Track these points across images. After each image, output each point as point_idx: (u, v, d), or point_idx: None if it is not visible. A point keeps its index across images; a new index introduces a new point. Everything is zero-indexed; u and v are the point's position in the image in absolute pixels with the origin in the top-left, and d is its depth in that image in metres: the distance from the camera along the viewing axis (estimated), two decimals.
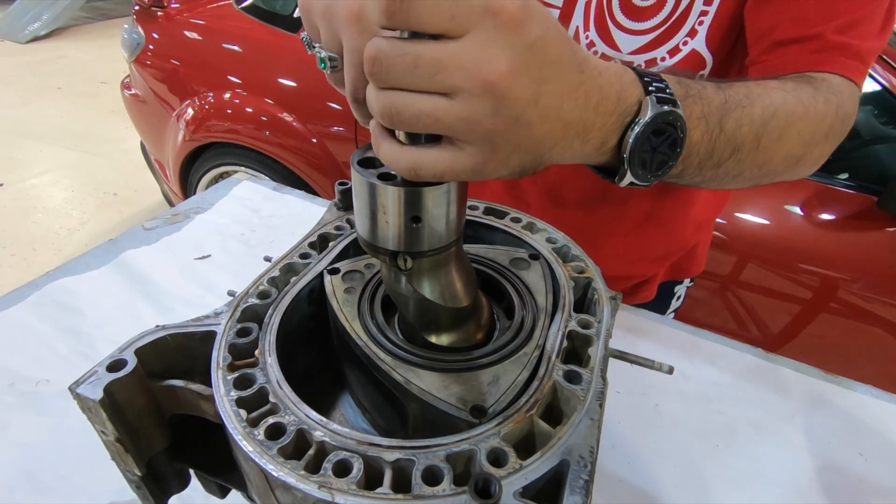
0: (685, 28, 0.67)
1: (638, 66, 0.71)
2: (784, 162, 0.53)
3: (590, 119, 0.35)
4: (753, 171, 0.51)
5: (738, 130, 0.46)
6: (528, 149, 0.33)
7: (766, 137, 0.48)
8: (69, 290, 0.86)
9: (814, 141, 0.54)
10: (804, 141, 0.52)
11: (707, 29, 0.66)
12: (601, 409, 0.36)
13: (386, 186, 0.34)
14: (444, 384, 0.37)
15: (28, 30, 5.26)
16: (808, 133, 0.52)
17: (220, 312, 0.42)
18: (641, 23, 0.69)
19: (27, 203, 2.94)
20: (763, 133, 0.48)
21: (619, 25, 0.70)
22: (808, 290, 1.50)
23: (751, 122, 0.47)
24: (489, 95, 0.29)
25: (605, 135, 0.37)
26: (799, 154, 0.53)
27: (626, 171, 0.39)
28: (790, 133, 0.50)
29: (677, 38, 0.68)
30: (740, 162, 0.48)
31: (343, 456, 0.32)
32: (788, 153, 0.52)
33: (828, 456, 0.71)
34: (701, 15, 0.66)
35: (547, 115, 0.32)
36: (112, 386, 0.35)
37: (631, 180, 0.40)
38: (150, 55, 2.14)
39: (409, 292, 0.39)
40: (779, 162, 0.52)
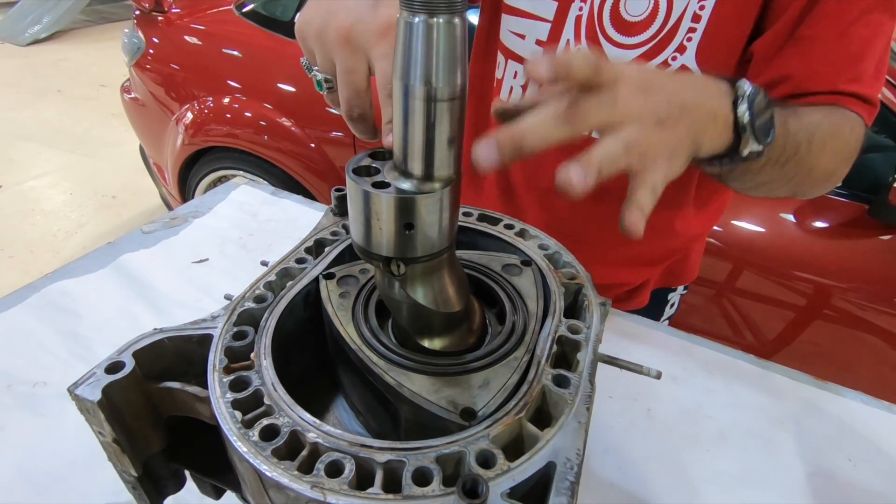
0: (674, 44, 0.69)
1: None
2: (824, 173, 0.60)
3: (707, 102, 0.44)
4: (803, 175, 0.58)
5: (797, 133, 0.54)
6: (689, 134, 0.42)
7: (815, 145, 0.56)
8: (67, 292, 0.87)
9: (843, 159, 0.61)
10: (838, 157, 0.60)
11: (696, 46, 0.68)
12: (589, 413, 0.37)
13: (380, 194, 0.35)
14: (436, 387, 0.38)
15: (29, 32, 5.28)
16: (840, 151, 0.60)
17: (217, 316, 0.42)
18: (632, 37, 0.71)
19: (26, 205, 2.95)
20: (812, 140, 0.55)
21: (609, 39, 0.72)
22: (803, 297, 1.51)
23: (804, 128, 0.55)
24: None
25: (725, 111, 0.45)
26: (832, 169, 0.61)
27: (748, 136, 0.46)
28: (829, 147, 0.58)
29: (666, 54, 0.69)
30: (799, 164, 0.56)
31: (335, 457, 0.32)
32: (827, 165, 0.59)
33: (818, 461, 0.71)
34: (689, 32, 0.67)
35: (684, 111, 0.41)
36: (110, 387, 0.36)
37: (751, 147, 0.47)
38: (151, 59, 2.15)
39: (403, 297, 0.40)
40: (820, 172, 0.60)
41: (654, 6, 0.68)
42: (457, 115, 0.33)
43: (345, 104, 0.43)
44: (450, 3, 0.29)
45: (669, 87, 0.42)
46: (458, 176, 0.37)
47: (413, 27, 0.30)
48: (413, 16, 0.30)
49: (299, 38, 0.46)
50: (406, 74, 0.32)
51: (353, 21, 0.41)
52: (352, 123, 0.44)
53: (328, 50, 0.43)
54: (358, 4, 0.42)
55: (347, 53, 0.41)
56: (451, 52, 0.31)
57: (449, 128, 0.34)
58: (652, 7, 0.68)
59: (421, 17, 0.30)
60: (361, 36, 0.41)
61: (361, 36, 0.41)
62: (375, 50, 0.41)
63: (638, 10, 0.69)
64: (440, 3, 0.29)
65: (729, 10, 0.65)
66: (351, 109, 0.43)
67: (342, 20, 0.41)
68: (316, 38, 0.43)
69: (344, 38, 0.41)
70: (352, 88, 0.42)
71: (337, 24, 0.41)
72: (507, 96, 0.84)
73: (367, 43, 0.41)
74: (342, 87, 0.43)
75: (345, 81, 0.42)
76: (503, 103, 0.42)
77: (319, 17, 0.43)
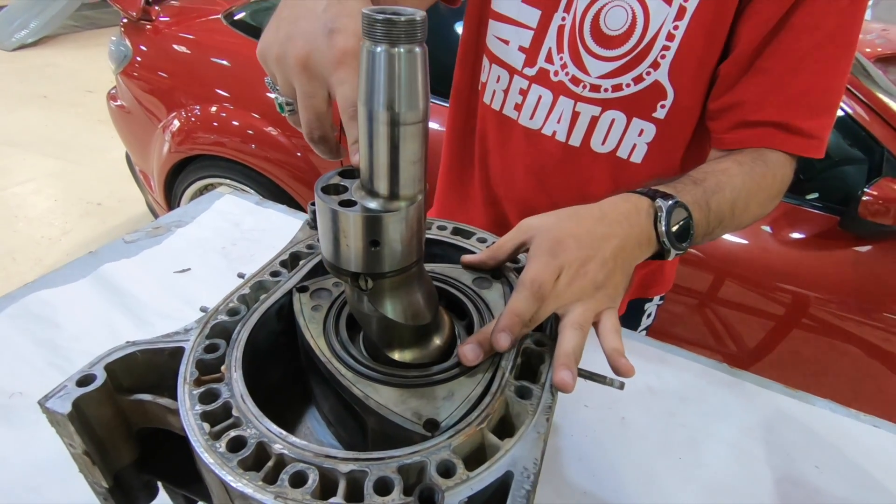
0: (649, 59, 0.71)
1: (605, 89, 0.75)
2: (750, 219, 0.70)
3: (634, 232, 0.54)
4: (731, 228, 0.69)
5: (719, 208, 0.63)
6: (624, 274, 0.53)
7: (738, 209, 0.65)
8: (47, 302, 0.86)
9: (768, 204, 0.71)
10: (762, 206, 0.70)
11: (669, 63, 0.71)
12: (548, 423, 0.38)
13: (347, 213, 0.36)
14: (402, 399, 0.39)
15: (15, 37, 5.24)
16: (765, 200, 0.69)
17: (190, 329, 0.43)
18: (610, 50, 0.73)
19: (9, 212, 2.91)
20: (735, 207, 0.65)
21: (589, 51, 0.75)
22: (781, 307, 1.54)
23: (725, 201, 0.63)
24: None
25: (648, 234, 0.55)
26: (759, 214, 0.71)
27: (668, 247, 0.56)
28: (753, 202, 0.67)
29: (641, 68, 0.72)
30: (724, 228, 0.66)
31: (300, 468, 0.33)
32: (753, 215, 0.70)
33: (786, 468, 0.73)
34: (663, 49, 0.70)
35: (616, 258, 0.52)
36: (81, 400, 0.37)
37: (675, 252, 0.57)
38: (138, 67, 2.15)
39: (371, 311, 0.41)
40: (748, 221, 0.70)
41: (632, 22, 0.71)
42: (420, 137, 0.35)
43: (306, 127, 0.45)
44: (410, 33, 0.31)
45: (599, 245, 0.50)
46: (423, 194, 0.38)
47: (375, 56, 0.32)
48: (375, 45, 0.31)
49: (261, 60, 0.48)
50: (370, 100, 0.33)
51: (310, 49, 0.43)
52: (313, 144, 0.46)
53: (287, 75, 0.45)
54: (314, 32, 0.43)
55: (306, 80, 0.43)
56: (413, 78, 0.32)
57: (412, 150, 0.35)
58: (630, 23, 0.71)
59: (382, 47, 0.31)
60: (319, 64, 0.43)
61: (319, 64, 0.43)
62: (334, 77, 0.42)
63: (616, 24, 0.72)
64: (400, 34, 0.31)
65: (700, 32, 0.68)
66: (311, 132, 0.45)
67: (299, 48, 0.43)
68: (276, 63, 0.45)
69: (302, 65, 0.43)
70: (312, 112, 0.44)
71: (295, 52, 0.43)
72: (490, 100, 0.86)
73: (325, 71, 0.43)
74: (303, 110, 0.44)
75: (305, 106, 0.44)
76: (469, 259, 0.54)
77: (278, 43, 0.45)
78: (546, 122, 0.81)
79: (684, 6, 0.67)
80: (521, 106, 0.82)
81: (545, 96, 0.80)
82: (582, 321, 0.46)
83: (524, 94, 0.81)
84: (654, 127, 0.76)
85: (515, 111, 0.83)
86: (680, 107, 0.74)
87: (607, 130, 0.78)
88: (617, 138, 0.78)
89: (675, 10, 0.68)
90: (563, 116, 0.79)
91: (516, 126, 0.84)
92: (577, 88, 0.77)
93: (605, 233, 0.51)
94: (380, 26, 0.31)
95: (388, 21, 0.30)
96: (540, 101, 0.80)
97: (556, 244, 0.49)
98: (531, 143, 0.83)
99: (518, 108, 0.83)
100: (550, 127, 0.81)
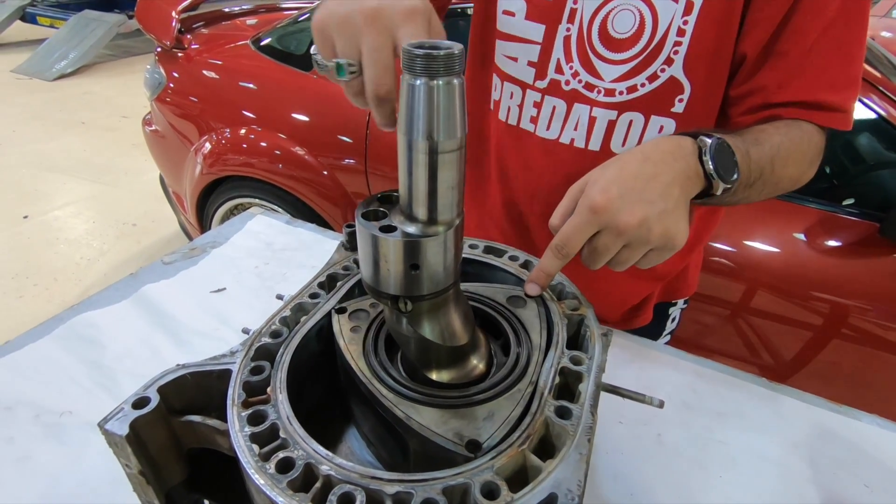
0: (661, 57, 0.71)
1: (619, 92, 0.76)
2: (790, 181, 0.71)
3: (680, 167, 0.55)
4: (769, 189, 0.69)
5: (759, 159, 0.63)
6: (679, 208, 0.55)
7: (778, 164, 0.66)
8: (92, 323, 0.90)
9: (807, 168, 0.72)
10: (801, 167, 0.70)
11: (683, 58, 0.71)
12: (590, 444, 0.38)
13: (387, 238, 0.37)
14: (443, 420, 0.40)
15: (55, 68, 5.52)
16: (802, 161, 0.70)
17: (236, 351, 0.45)
18: (621, 53, 0.74)
19: (50, 234, 3.05)
20: (775, 162, 0.65)
21: (599, 56, 0.75)
22: (819, 317, 1.49)
23: (764, 154, 0.64)
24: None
25: (694, 167, 0.57)
26: (797, 176, 0.71)
27: (717, 181, 0.57)
28: (791, 161, 0.68)
29: (654, 66, 0.72)
30: (765, 182, 0.66)
31: (347, 489, 0.34)
32: (792, 175, 0.70)
33: (832, 487, 0.71)
34: (675, 45, 0.70)
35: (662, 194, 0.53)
36: (137, 422, 0.38)
37: (722, 185, 0.58)
38: (171, 93, 2.24)
39: (410, 333, 0.42)
40: (787, 181, 0.70)
41: (640, 23, 0.71)
42: (457, 164, 0.36)
43: (372, 83, 0.44)
44: (448, 66, 0.32)
45: (645, 186, 0.53)
46: (461, 218, 0.39)
47: (415, 89, 0.33)
48: (415, 79, 0.33)
49: (317, 28, 0.48)
50: (410, 130, 0.34)
51: (379, 4, 0.44)
52: (378, 104, 0.45)
53: (354, 32, 0.45)
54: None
55: (375, 32, 0.43)
56: (451, 109, 0.34)
57: (450, 176, 0.36)
58: (638, 24, 0.71)
59: (422, 80, 0.32)
60: (388, 16, 0.43)
61: (388, 16, 0.43)
62: (402, 30, 0.43)
63: (625, 27, 0.72)
64: (439, 67, 0.32)
65: (711, 23, 0.68)
66: (378, 87, 0.44)
67: (369, 4, 0.44)
68: (340, 24, 0.45)
69: (371, 17, 0.43)
70: (380, 65, 0.44)
71: (363, 8, 0.44)
72: (506, 117, 0.87)
73: (394, 22, 0.43)
74: (369, 65, 0.44)
75: (372, 59, 0.44)
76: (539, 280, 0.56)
77: (344, 7, 0.45)
78: (563, 132, 0.82)
79: (692, 1, 0.67)
80: (537, 118, 0.83)
81: (559, 106, 0.80)
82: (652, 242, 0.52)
83: (538, 106, 0.82)
84: (673, 122, 0.76)
85: (532, 124, 0.84)
86: (698, 98, 0.73)
87: (626, 132, 0.78)
88: (636, 137, 0.78)
89: (682, 5, 0.68)
90: (579, 123, 0.79)
91: (533, 138, 0.85)
92: (592, 94, 0.77)
93: (651, 172, 0.54)
94: (420, 61, 0.32)
95: (427, 56, 0.32)
96: (554, 111, 0.81)
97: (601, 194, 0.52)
98: (549, 154, 0.84)
99: (534, 120, 0.83)
100: (568, 135, 0.81)
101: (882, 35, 3.12)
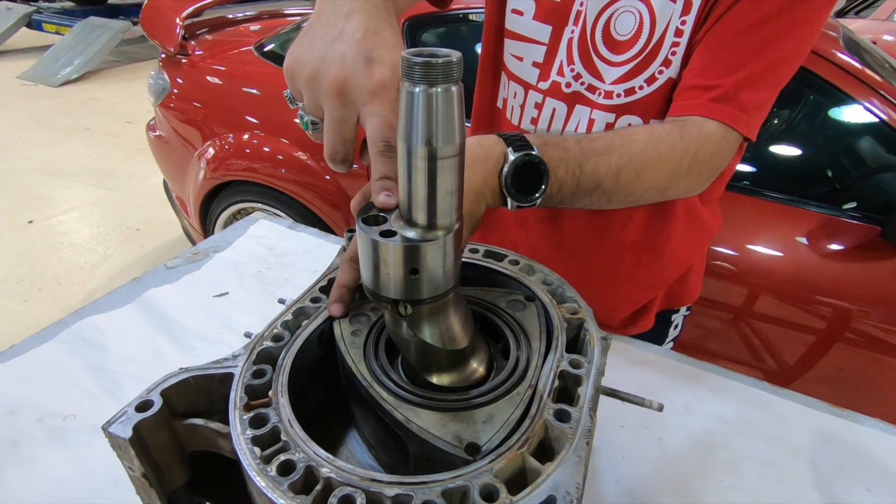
0: (659, 58, 0.72)
1: (617, 94, 0.75)
2: (648, 193, 0.66)
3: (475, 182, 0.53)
4: (620, 198, 0.65)
5: (595, 172, 0.61)
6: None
7: (624, 177, 0.62)
8: (96, 327, 0.91)
9: (674, 178, 0.66)
10: (663, 178, 0.65)
11: (681, 60, 0.71)
12: (589, 447, 0.38)
13: (387, 243, 0.38)
14: (442, 423, 0.40)
15: (61, 74, 5.56)
16: (666, 172, 0.65)
17: (238, 355, 0.45)
18: (621, 55, 0.74)
19: (55, 239, 3.06)
20: (620, 174, 0.62)
21: (602, 58, 0.75)
22: (822, 320, 1.49)
23: (608, 166, 0.61)
24: None
25: (491, 182, 0.55)
26: (662, 187, 0.67)
27: (507, 197, 0.56)
28: (648, 173, 0.64)
29: (653, 68, 0.73)
30: (605, 193, 0.63)
31: (347, 491, 0.34)
32: (650, 186, 0.65)
33: (835, 492, 0.70)
34: (673, 46, 0.70)
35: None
36: (140, 425, 0.39)
37: (515, 203, 0.56)
38: (175, 99, 2.26)
39: (410, 336, 0.42)
40: (642, 193, 0.66)
41: (639, 24, 0.71)
42: (456, 170, 0.36)
43: (330, 149, 0.45)
44: (447, 74, 0.33)
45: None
46: (460, 223, 0.40)
47: (414, 96, 0.33)
48: (414, 86, 0.33)
49: (288, 75, 0.47)
50: (409, 136, 0.35)
51: (347, 76, 0.43)
52: (333, 165, 0.47)
53: (318, 97, 0.45)
54: (352, 58, 0.43)
55: (339, 105, 0.43)
56: (450, 115, 0.34)
57: (449, 181, 0.37)
58: (637, 25, 0.71)
59: (421, 88, 0.33)
60: (354, 91, 0.43)
61: (354, 91, 0.43)
62: (368, 107, 0.43)
63: (626, 28, 0.72)
64: (438, 75, 0.32)
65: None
66: (335, 155, 0.45)
67: (336, 73, 0.43)
68: (308, 83, 0.45)
69: (337, 90, 0.43)
70: (339, 137, 0.45)
71: (331, 76, 0.43)
72: (510, 116, 0.88)
73: (360, 99, 0.43)
74: (330, 134, 0.45)
75: (333, 129, 0.44)
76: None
77: (312, 64, 0.45)
78: (563, 134, 0.82)
79: (690, 1, 0.68)
80: (538, 120, 0.83)
81: (559, 108, 0.81)
82: None
83: (539, 107, 0.83)
84: None
85: (532, 125, 0.84)
86: None
87: None
88: None
89: (680, 5, 0.68)
90: (579, 126, 0.80)
91: None
92: (593, 96, 0.77)
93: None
94: (418, 69, 0.32)
95: (426, 64, 0.32)
96: (555, 113, 0.81)
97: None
98: None
99: (534, 121, 0.84)
100: None
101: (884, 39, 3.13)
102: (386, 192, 0.41)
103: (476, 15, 1.76)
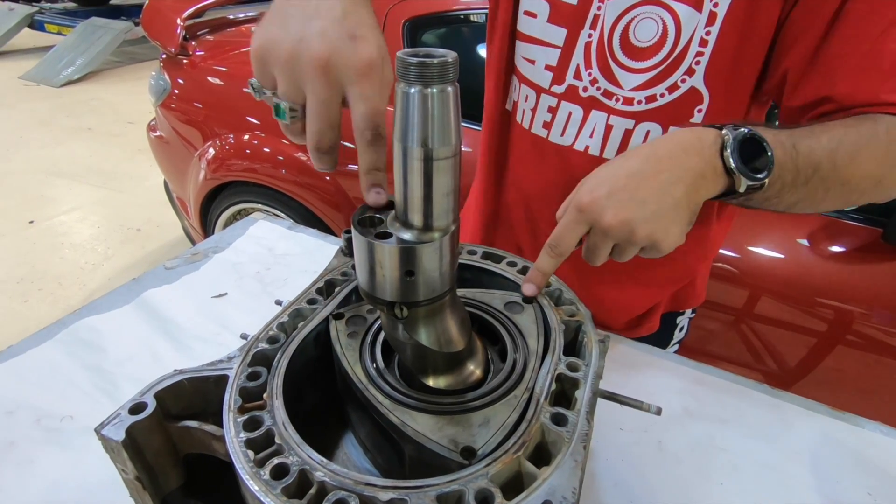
0: (682, 67, 0.71)
1: (638, 101, 0.75)
2: (866, 180, 0.60)
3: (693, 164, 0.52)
4: (837, 189, 0.59)
5: (811, 153, 0.56)
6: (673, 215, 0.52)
7: (839, 159, 0.57)
8: (94, 328, 0.91)
9: (886, 164, 0.60)
10: (879, 162, 0.59)
11: (704, 69, 0.70)
12: (586, 451, 0.38)
13: (382, 244, 0.37)
14: (438, 426, 0.40)
15: (63, 74, 5.57)
16: (881, 155, 0.59)
17: (233, 357, 0.45)
18: (641, 62, 0.73)
19: (56, 239, 3.07)
20: (835, 155, 0.56)
21: (620, 64, 0.74)
22: (823, 322, 1.48)
23: (820, 146, 0.56)
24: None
25: (713, 163, 0.52)
26: (879, 174, 0.60)
27: (739, 177, 0.52)
28: (862, 155, 0.57)
29: (675, 76, 0.72)
30: (824, 179, 0.57)
31: (341, 495, 0.34)
32: (867, 172, 0.59)
33: (836, 496, 0.70)
34: (697, 55, 0.69)
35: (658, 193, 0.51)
36: (133, 427, 0.39)
37: (746, 184, 0.52)
38: (175, 99, 2.26)
39: (406, 338, 0.42)
40: (860, 180, 0.59)
41: (663, 32, 0.70)
42: (452, 171, 0.36)
43: (315, 136, 0.41)
44: (442, 74, 0.32)
45: (651, 179, 0.50)
46: (456, 225, 0.39)
47: (410, 97, 0.33)
48: (409, 87, 0.33)
49: (257, 59, 0.42)
50: (405, 137, 0.34)
51: (331, 52, 0.38)
52: (319, 155, 0.42)
53: (298, 79, 0.40)
54: (333, 33, 0.39)
55: (324, 86, 0.39)
56: (445, 116, 0.34)
57: (445, 183, 0.36)
58: (661, 33, 0.70)
59: (416, 88, 0.33)
60: (340, 69, 0.39)
61: (340, 69, 0.39)
62: (355, 88, 0.39)
63: (647, 35, 0.71)
64: (433, 75, 0.32)
65: (733, 33, 0.67)
66: (321, 141, 0.41)
67: (317, 49, 0.38)
68: (284, 64, 0.40)
69: (320, 68, 0.38)
70: (325, 121, 0.40)
71: (312, 54, 0.38)
72: (521, 119, 0.87)
73: (347, 79, 0.39)
74: (314, 118, 0.40)
75: (318, 113, 0.40)
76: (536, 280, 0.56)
77: (289, 43, 0.39)
78: (577, 139, 0.81)
79: (715, 11, 0.66)
80: (551, 124, 0.82)
81: (575, 112, 0.80)
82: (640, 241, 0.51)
83: (553, 111, 0.81)
84: None
85: (544, 129, 0.83)
86: (717, 109, 0.72)
87: (643, 142, 0.77)
88: None
89: (705, 15, 0.67)
90: (595, 131, 0.79)
91: (547, 144, 0.84)
92: (611, 102, 0.76)
93: (652, 170, 0.51)
94: (413, 69, 0.32)
95: (421, 64, 0.32)
96: (570, 117, 0.80)
97: (588, 193, 0.51)
98: (563, 161, 0.83)
99: (547, 126, 0.83)
100: (582, 142, 0.81)
101: None
102: (376, 189, 0.40)
103: (477, 16, 1.76)
